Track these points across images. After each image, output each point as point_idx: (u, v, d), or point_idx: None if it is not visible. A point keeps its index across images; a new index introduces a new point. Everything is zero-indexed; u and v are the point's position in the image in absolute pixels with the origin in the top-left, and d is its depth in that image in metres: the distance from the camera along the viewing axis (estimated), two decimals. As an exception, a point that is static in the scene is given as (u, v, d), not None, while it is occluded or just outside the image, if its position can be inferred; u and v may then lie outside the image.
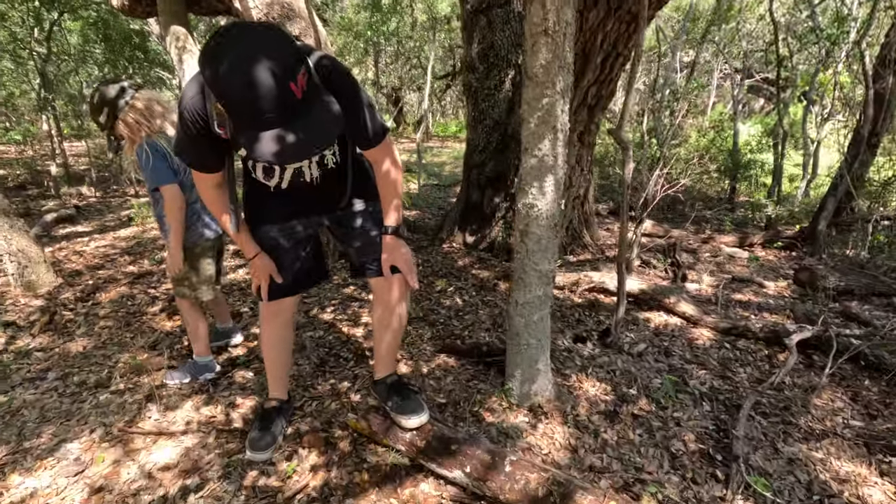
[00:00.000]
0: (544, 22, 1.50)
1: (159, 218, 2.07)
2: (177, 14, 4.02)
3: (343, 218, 1.66)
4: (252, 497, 1.57)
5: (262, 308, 1.71)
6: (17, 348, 2.46)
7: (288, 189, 1.52)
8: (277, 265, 1.63)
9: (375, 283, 1.69)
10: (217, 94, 1.06)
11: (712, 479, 1.69)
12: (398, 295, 1.67)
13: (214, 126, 1.25)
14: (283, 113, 1.04)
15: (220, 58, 1.01)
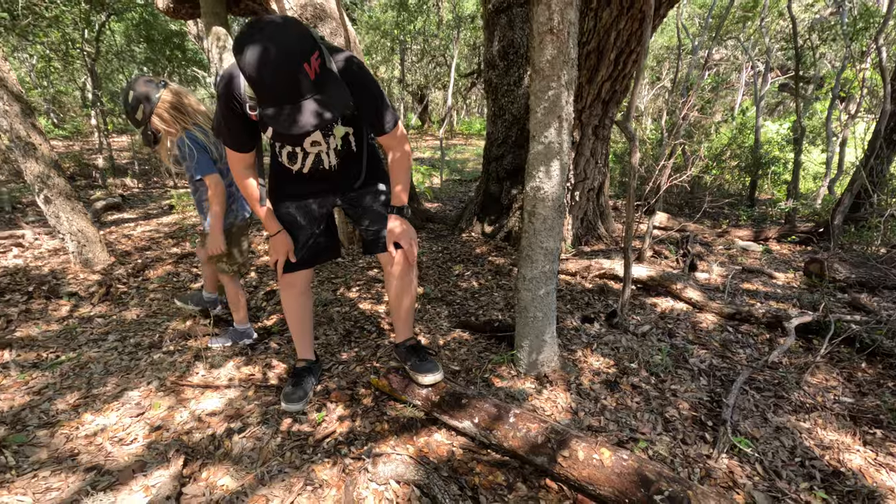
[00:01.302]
0: (549, 21, 1.68)
1: (199, 204, 2.27)
2: (218, 15, 4.31)
3: (355, 198, 1.86)
4: (287, 439, 1.80)
5: (280, 280, 1.94)
6: (80, 314, 2.77)
7: (306, 174, 1.75)
8: (294, 240, 1.84)
9: (383, 258, 1.88)
10: (246, 78, 1.28)
11: (701, 440, 1.84)
12: (404, 268, 1.85)
13: (247, 108, 1.48)
14: (297, 90, 1.26)
15: (245, 45, 1.23)
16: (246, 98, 1.48)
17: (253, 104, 1.48)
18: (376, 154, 1.89)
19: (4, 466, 1.64)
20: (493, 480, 1.64)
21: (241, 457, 1.71)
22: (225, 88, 1.49)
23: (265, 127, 1.56)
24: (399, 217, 1.77)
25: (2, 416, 1.89)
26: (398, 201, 1.77)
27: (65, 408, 1.96)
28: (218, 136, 1.65)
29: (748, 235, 4.30)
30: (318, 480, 1.60)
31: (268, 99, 1.30)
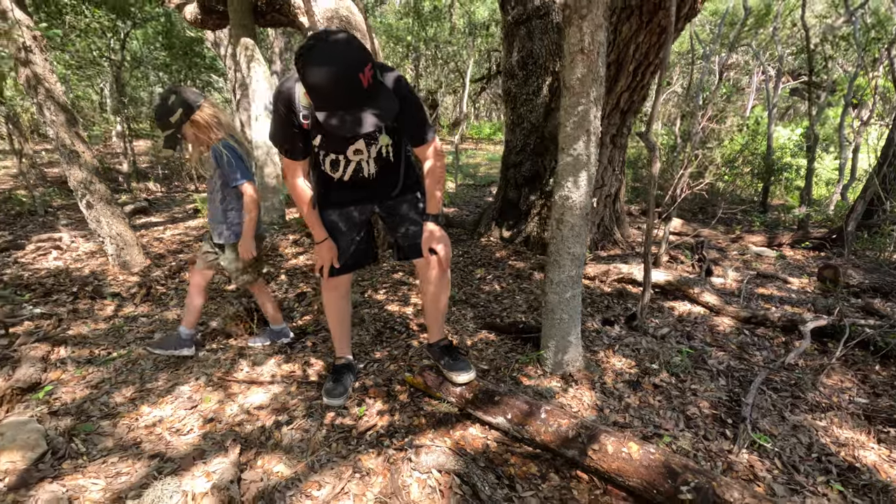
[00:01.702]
0: (581, 42, 1.80)
1: (224, 212, 2.28)
2: (246, 27, 4.49)
3: (393, 206, 1.97)
4: (332, 431, 1.93)
5: (323, 283, 2.06)
6: (124, 314, 2.92)
7: (347, 182, 1.87)
8: (336, 246, 1.95)
9: (419, 262, 1.99)
10: (307, 84, 1.42)
11: (722, 436, 1.94)
12: (439, 272, 1.95)
13: (300, 117, 1.61)
14: (351, 97, 1.40)
15: (308, 56, 1.37)
16: (300, 108, 1.62)
17: (307, 113, 1.62)
18: (412, 165, 2.01)
19: (77, 453, 1.78)
20: (527, 471, 1.75)
21: (292, 447, 1.84)
22: (282, 100, 1.62)
23: (315, 135, 1.70)
24: (435, 223, 1.89)
25: (67, 408, 2.04)
26: (434, 209, 1.88)
27: (122, 400, 2.10)
28: (275, 145, 1.78)
29: (762, 241, 4.38)
30: (364, 469, 1.72)
31: (326, 104, 1.42)
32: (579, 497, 1.65)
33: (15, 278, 3.40)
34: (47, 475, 1.67)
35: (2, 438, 1.76)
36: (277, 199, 4.77)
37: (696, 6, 3.08)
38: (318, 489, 1.64)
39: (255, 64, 4.46)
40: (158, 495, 1.59)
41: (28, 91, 3.20)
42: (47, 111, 3.23)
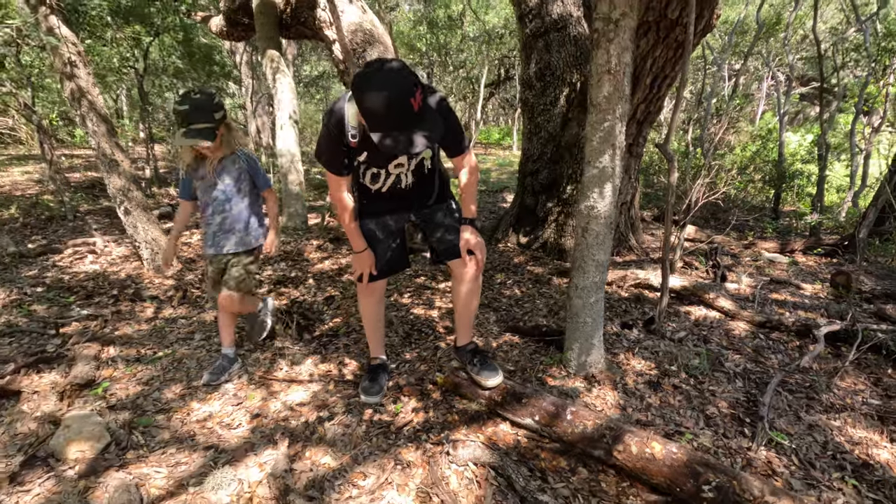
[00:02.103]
0: (608, 63, 1.93)
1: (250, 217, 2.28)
2: (272, 39, 4.66)
3: (429, 214, 2.10)
4: (371, 427, 2.05)
5: (360, 289, 2.19)
6: (164, 316, 3.07)
7: (385, 193, 2.00)
8: (374, 253, 2.07)
9: (455, 265, 2.09)
10: (363, 108, 1.56)
11: (740, 434, 2.04)
12: (474, 273, 2.08)
13: (349, 136, 1.74)
14: (403, 120, 1.54)
15: (366, 83, 1.53)
16: (350, 128, 1.75)
17: (356, 132, 1.75)
18: (445, 176, 2.14)
19: (137, 444, 1.92)
20: (557, 465, 1.87)
21: (335, 441, 1.96)
22: (333, 120, 1.75)
23: (361, 152, 1.83)
24: (473, 228, 2.01)
25: (123, 403, 2.18)
26: (470, 214, 2.00)
27: (173, 397, 2.24)
28: (321, 161, 1.90)
29: (774, 248, 4.47)
30: (405, 461, 1.84)
31: (381, 126, 1.56)
32: (608, 489, 1.76)
33: (56, 281, 3.57)
34: (113, 464, 1.81)
35: (69, 430, 1.90)
36: (300, 206, 4.92)
37: (712, 22, 3.20)
38: (363, 479, 1.77)
39: (281, 75, 4.63)
40: (218, 482, 1.73)
41: (72, 104, 3.38)
42: (90, 122, 3.40)
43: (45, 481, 1.73)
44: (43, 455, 1.85)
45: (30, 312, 3.03)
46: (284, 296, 3.31)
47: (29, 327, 2.81)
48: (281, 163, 4.80)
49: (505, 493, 1.71)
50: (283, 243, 4.48)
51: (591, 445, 1.84)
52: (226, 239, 2.26)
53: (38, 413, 2.09)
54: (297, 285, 3.53)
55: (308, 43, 12.11)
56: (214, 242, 2.26)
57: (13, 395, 2.19)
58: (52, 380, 2.33)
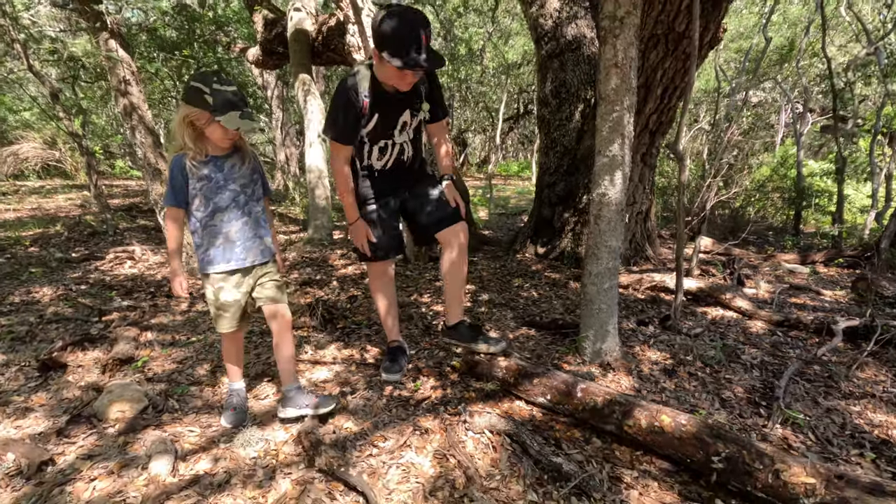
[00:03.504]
0: (615, 57, 2.09)
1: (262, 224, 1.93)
2: (304, 65, 5.00)
3: (419, 191, 2.22)
4: (391, 400, 2.14)
5: (370, 270, 2.33)
6: (196, 310, 3.24)
7: (388, 170, 2.16)
8: (382, 233, 2.20)
9: (447, 233, 2.15)
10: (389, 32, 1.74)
11: (756, 415, 2.06)
12: (465, 238, 2.19)
13: (361, 99, 1.93)
14: (421, 44, 1.78)
15: (390, 13, 1.77)
16: (362, 93, 1.94)
17: (367, 95, 1.93)
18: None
19: (172, 409, 2.05)
20: (571, 435, 1.91)
21: (357, 410, 2.05)
22: (347, 88, 1.94)
23: (371, 117, 1.99)
24: (452, 182, 2.23)
25: (159, 377, 2.32)
26: (450, 171, 2.25)
27: (204, 373, 2.37)
28: (329, 134, 2.03)
29: (794, 259, 4.45)
30: (423, 428, 1.92)
31: (404, 45, 1.76)
32: (621, 456, 1.80)
33: (98, 281, 3.80)
34: (151, 423, 1.93)
35: (111, 394, 2.04)
36: (326, 219, 5.14)
37: (718, 35, 3.36)
38: (383, 441, 1.84)
39: (311, 97, 4.95)
40: (247, 440, 1.83)
41: (124, 117, 3.69)
42: (138, 134, 3.70)
43: (88, 437, 1.86)
44: (87, 415, 1.98)
45: (75, 304, 3.24)
46: (310, 294, 3.46)
47: (74, 315, 3.01)
48: (309, 178, 5.06)
49: (519, 457, 1.76)
50: (309, 253, 4.67)
51: (602, 421, 1.88)
52: (256, 249, 1.88)
53: (82, 382, 2.25)
54: (321, 287, 3.68)
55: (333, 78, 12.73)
56: (244, 252, 1.84)
57: (60, 367, 2.35)
58: (95, 356, 2.49)
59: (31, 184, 11.41)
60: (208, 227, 1.81)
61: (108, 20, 3.58)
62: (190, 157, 1.74)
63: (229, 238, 1.82)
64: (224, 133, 1.73)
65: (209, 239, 1.81)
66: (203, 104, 1.65)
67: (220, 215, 1.80)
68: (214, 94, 1.65)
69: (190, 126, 1.71)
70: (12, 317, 3.06)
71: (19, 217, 7.15)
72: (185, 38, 6.80)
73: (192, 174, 1.75)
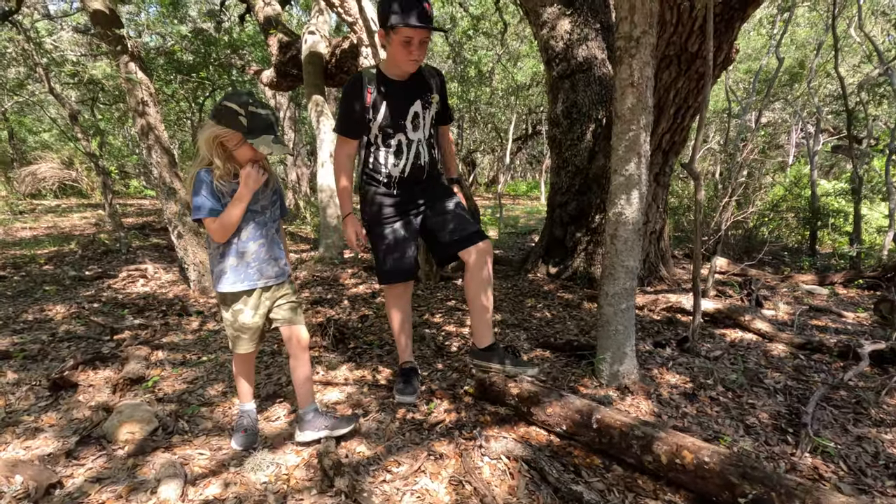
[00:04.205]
0: (631, 77, 2.08)
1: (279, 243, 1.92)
2: (318, 86, 5.08)
3: (437, 205, 2.18)
4: (404, 423, 2.08)
5: (386, 290, 2.29)
6: (207, 329, 3.22)
7: (406, 180, 2.12)
8: (397, 256, 2.16)
9: (471, 252, 2.07)
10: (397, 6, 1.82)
11: (783, 442, 1.98)
12: (490, 258, 2.12)
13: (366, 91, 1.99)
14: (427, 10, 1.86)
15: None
16: (367, 84, 2.00)
17: (371, 87, 2.00)
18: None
19: (182, 430, 2.01)
20: (592, 462, 1.85)
21: (369, 434, 2.00)
22: (353, 82, 2.03)
23: (379, 107, 2.02)
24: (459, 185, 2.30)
25: (169, 397, 2.29)
26: (455, 173, 2.36)
27: (215, 393, 2.34)
28: (337, 130, 2.12)
29: (812, 280, 4.36)
30: (437, 453, 1.86)
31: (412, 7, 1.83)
32: (644, 486, 1.73)
33: (111, 299, 3.81)
34: (160, 445, 1.90)
35: (121, 415, 2.01)
36: (337, 237, 5.15)
37: (731, 55, 3.37)
38: (396, 467, 1.79)
39: (324, 118, 5.01)
40: (257, 464, 1.79)
41: (141, 137, 3.75)
42: (154, 153, 3.75)
43: (97, 458, 1.83)
44: (96, 436, 1.95)
45: (87, 322, 3.24)
46: (321, 314, 3.43)
47: (86, 334, 3.01)
48: (321, 198, 5.08)
49: (538, 485, 1.70)
50: (320, 271, 4.67)
51: (621, 453, 1.80)
52: (276, 266, 1.86)
53: (92, 402, 2.22)
54: (332, 306, 3.66)
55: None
56: (258, 272, 1.81)
57: (71, 387, 2.33)
58: (106, 376, 2.48)
59: (47, 202, 11.62)
60: (225, 247, 1.78)
61: (129, 44, 3.66)
62: (217, 175, 1.70)
63: (245, 258, 1.79)
64: (253, 154, 1.71)
65: (225, 258, 1.78)
66: (237, 125, 1.63)
67: (238, 235, 1.77)
68: (250, 116, 1.64)
69: (220, 146, 1.68)
70: (25, 335, 3.06)
71: (35, 235, 7.26)
72: (201, 61, 6.95)
73: (218, 192, 1.71)
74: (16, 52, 7.48)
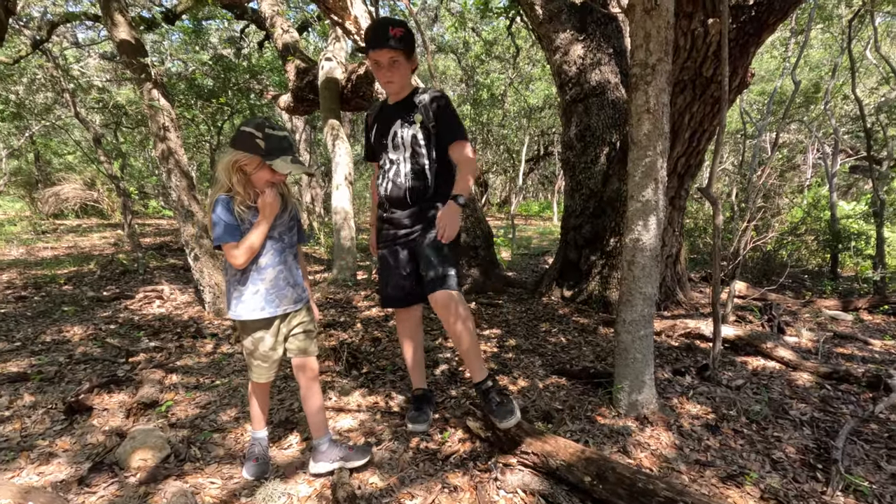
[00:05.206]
0: (647, 104, 2.08)
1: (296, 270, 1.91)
2: (333, 111, 5.17)
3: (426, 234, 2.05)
4: (417, 453, 2.04)
5: (396, 316, 2.28)
6: (221, 352, 3.22)
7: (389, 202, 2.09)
8: (386, 282, 2.16)
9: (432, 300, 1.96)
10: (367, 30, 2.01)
11: (812, 479, 1.89)
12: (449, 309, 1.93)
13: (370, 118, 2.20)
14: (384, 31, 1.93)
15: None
16: (372, 112, 2.22)
17: (374, 113, 2.20)
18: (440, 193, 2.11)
19: (195, 457, 1.99)
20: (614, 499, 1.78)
21: (382, 464, 1.96)
22: (368, 114, 2.27)
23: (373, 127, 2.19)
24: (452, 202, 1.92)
25: (182, 422, 2.28)
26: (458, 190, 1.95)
27: (228, 419, 2.33)
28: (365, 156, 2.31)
29: (836, 305, 4.25)
30: (452, 485, 1.82)
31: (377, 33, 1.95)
32: (667, 524, 1.66)
33: (127, 321, 3.84)
34: (172, 473, 1.88)
35: (134, 441, 2.00)
36: (351, 259, 5.17)
37: (747, 79, 3.36)
38: (410, 499, 1.75)
39: (339, 141, 5.08)
40: (269, 494, 1.76)
41: (161, 161, 3.83)
42: (174, 177, 3.82)
43: (109, 486, 1.81)
44: (109, 463, 1.94)
45: (103, 344, 3.26)
46: (334, 337, 3.42)
47: (103, 356, 3.03)
48: (335, 219, 5.12)
49: (557, 522, 1.64)
50: (333, 293, 4.67)
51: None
52: (290, 294, 1.83)
53: (106, 427, 2.22)
54: (345, 329, 3.64)
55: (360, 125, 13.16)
56: (277, 299, 1.79)
57: (86, 410, 2.34)
58: (121, 399, 2.48)
59: (69, 222, 11.89)
60: (243, 273, 1.76)
61: (153, 72, 3.77)
62: (238, 201, 1.70)
63: (264, 284, 1.77)
64: (271, 177, 1.71)
65: (245, 285, 1.76)
66: (254, 149, 1.65)
67: (256, 261, 1.76)
68: (267, 138, 1.66)
69: (239, 171, 1.69)
70: (43, 356, 3.09)
71: (56, 255, 7.41)
72: (221, 87, 7.14)
73: (239, 218, 1.71)
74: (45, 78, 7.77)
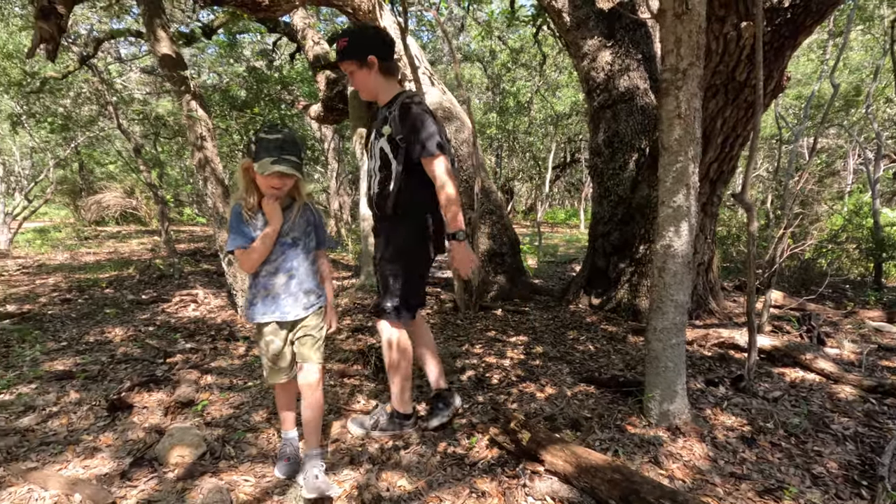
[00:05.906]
0: (678, 108, 2.06)
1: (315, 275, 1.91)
2: (362, 118, 5.27)
3: None
4: (445, 458, 2.05)
5: None
6: (253, 354, 3.31)
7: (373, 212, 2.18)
8: None
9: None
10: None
11: (856, 496, 1.82)
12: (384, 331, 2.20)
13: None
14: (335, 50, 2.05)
15: None
16: None
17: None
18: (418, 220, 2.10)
19: (229, 456, 2.05)
20: (643, 508, 1.75)
21: (410, 467, 1.98)
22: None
23: None
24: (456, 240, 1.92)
25: (217, 421, 2.35)
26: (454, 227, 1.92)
27: (260, 420, 2.38)
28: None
29: (880, 317, 4.07)
30: (480, 490, 1.82)
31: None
32: (701, 537, 1.62)
33: (164, 323, 3.99)
34: (208, 470, 1.94)
35: (172, 438, 2.07)
36: (378, 265, 5.23)
37: (782, 83, 3.28)
38: (438, 503, 1.76)
39: (368, 149, 5.17)
40: (300, 493, 1.79)
41: (198, 169, 3.98)
42: (210, 185, 3.96)
43: (149, 480, 1.89)
44: (149, 458, 2.02)
45: (143, 345, 3.40)
46: (362, 341, 3.47)
47: (142, 356, 3.15)
48: (363, 226, 5.21)
49: (586, 530, 1.62)
50: (360, 299, 4.74)
51: None
52: (302, 301, 1.83)
53: (146, 424, 2.31)
54: (372, 333, 3.69)
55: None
56: (288, 305, 1.80)
57: (127, 408, 2.43)
58: (159, 398, 2.57)
59: (109, 229, 12.43)
60: (254, 278, 1.81)
61: (192, 84, 3.93)
62: (244, 206, 1.75)
63: (273, 290, 1.79)
64: (266, 181, 1.68)
65: (255, 289, 1.81)
66: (250, 153, 1.71)
67: (266, 267, 1.78)
68: (258, 141, 1.68)
69: (246, 176, 1.74)
70: (87, 355, 3.24)
71: (98, 260, 7.74)
72: (254, 97, 7.37)
73: (248, 223, 1.75)
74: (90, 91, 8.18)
